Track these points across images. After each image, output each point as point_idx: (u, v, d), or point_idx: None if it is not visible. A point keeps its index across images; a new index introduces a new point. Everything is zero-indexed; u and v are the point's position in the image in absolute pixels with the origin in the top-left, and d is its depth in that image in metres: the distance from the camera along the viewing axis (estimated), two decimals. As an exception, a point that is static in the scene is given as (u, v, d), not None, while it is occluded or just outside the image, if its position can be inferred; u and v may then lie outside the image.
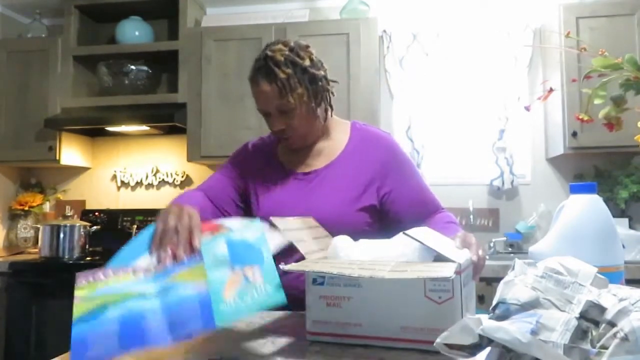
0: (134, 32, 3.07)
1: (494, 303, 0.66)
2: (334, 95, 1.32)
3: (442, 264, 0.83)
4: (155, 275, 0.85)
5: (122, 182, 3.30)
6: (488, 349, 0.57)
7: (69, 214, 2.82)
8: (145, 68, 3.02)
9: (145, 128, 3.04)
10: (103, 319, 0.75)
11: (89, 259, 2.66)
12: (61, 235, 2.66)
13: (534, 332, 0.56)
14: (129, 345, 0.73)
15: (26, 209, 3.19)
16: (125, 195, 3.30)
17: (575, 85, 2.45)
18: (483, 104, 2.97)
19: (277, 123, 1.25)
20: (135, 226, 2.99)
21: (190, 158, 2.91)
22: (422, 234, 0.91)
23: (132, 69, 2.99)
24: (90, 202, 3.32)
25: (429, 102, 3.01)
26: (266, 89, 1.21)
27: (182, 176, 3.23)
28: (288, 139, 1.28)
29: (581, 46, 1.14)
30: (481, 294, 2.24)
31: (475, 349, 0.57)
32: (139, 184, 3.29)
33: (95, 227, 2.85)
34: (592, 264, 0.67)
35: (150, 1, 3.04)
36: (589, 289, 0.63)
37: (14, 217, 3.27)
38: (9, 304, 2.56)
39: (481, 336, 0.55)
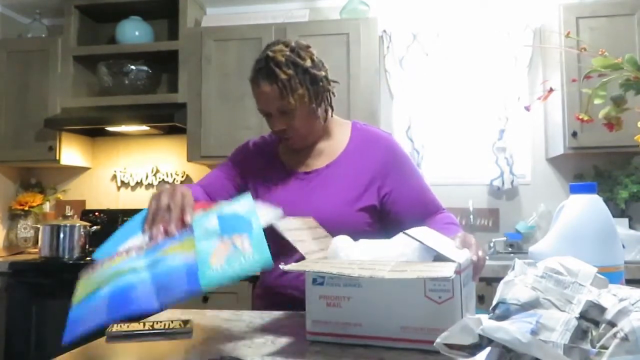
0: (134, 32, 3.07)
1: (494, 303, 0.66)
2: (334, 96, 1.32)
3: (442, 264, 0.83)
4: (147, 251, 0.87)
5: (122, 182, 3.30)
6: (488, 349, 0.57)
7: (69, 214, 2.82)
8: (145, 68, 3.02)
9: (145, 128, 3.05)
10: (95, 298, 0.77)
11: (89, 259, 2.66)
12: (61, 235, 2.66)
13: (534, 332, 0.56)
14: (116, 311, 0.75)
15: (26, 209, 3.19)
16: (125, 195, 3.30)
17: (575, 85, 2.45)
18: (483, 104, 2.97)
19: (277, 123, 1.25)
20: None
21: (190, 158, 2.91)
22: (422, 233, 0.91)
23: (132, 69, 2.99)
24: (90, 202, 3.32)
25: (429, 102, 3.01)
26: (267, 89, 1.21)
27: (182, 176, 3.23)
28: (289, 139, 1.28)
29: (581, 46, 1.14)
30: (481, 294, 2.24)
31: (475, 349, 0.57)
32: (139, 184, 3.29)
33: (95, 227, 2.85)
34: (592, 264, 0.67)
35: (150, 1, 3.04)
36: (589, 289, 0.63)
37: (14, 217, 3.27)
38: (9, 304, 2.56)
39: (481, 336, 0.55)
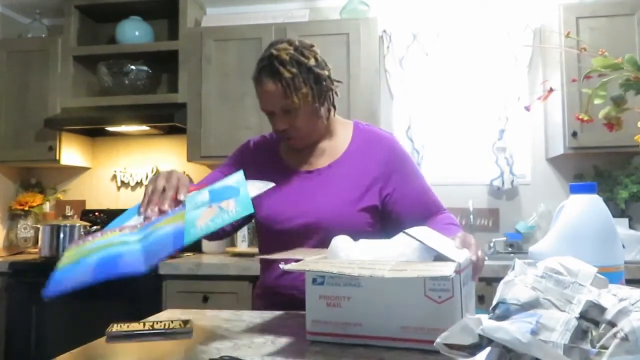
0: (134, 32, 3.07)
1: (494, 303, 0.66)
2: (337, 95, 1.32)
3: (441, 264, 0.83)
4: (140, 229, 0.89)
5: (122, 182, 3.30)
6: (488, 349, 0.57)
7: (69, 214, 2.82)
8: (145, 68, 3.02)
9: (145, 128, 3.04)
10: (82, 263, 0.79)
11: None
12: (61, 235, 2.66)
13: (534, 332, 0.56)
14: (101, 273, 0.77)
15: (26, 209, 3.19)
16: (125, 195, 3.30)
17: (575, 85, 2.45)
18: (483, 104, 2.97)
19: (280, 123, 1.24)
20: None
21: (190, 158, 2.91)
22: (422, 233, 0.91)
23: (132, 69, 2.99)
24: (90, 202, 3.32)
25: (429, 102, 3.01)
26: (271, 88, 1.20)
27: (182, 176, 3.23)
28: (291, 139, 1.28)
29: (581, 46, 1.14)
30: (481, 294, 2.24)
31: (475, 349, 0.57)
32: (139, 184, 3.29)
33: (95, 227, 2.84)
34: (592, 264, 0.67)
35: (150, 1, 3.04)
36: (589, 289, 0.63)
37: (14, 217, 3.27)
38: (9, 304, 2.56)
39: (481, 336, 0.55)
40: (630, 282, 0.82)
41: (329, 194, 1.26)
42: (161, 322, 1.00)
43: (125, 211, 1.01)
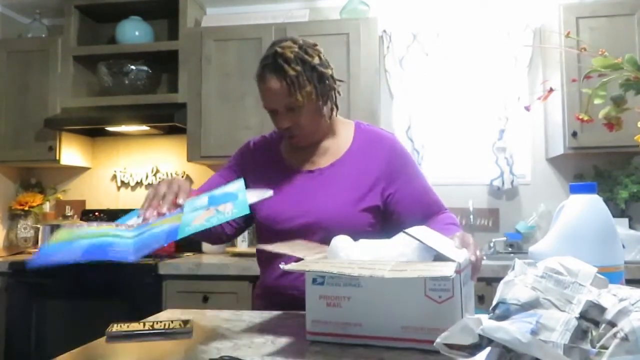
0: (134, 32, 3.07)
1: (494, 303, 0.66)
2: (340, 95, 1.32)
3: (442, 264, 0.83)
4: (136, 227, 0.91)
5: (122, 182, 3.30)
6: (488, 349, 0.57)
7: (69, 214, 2.83)
8: (145, 68, 3.02)
9: (145, 128, 3.04)
10: (73, 244, 0.81)
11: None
12: (61, 235, 2.65)
13: (534, 332, 0.56)
14: (89, 255, 0.79)
15: (26, 209, 3.19)
16: (125, 195, 3.30)
17: (575, 85, 2.45)
18: (483, 104, 2.97)
19: (284, 121, 1.24)
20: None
21: (190, 158, 2.91)
22: (422, 233, 0.91)
23: (132, 69, 2.99)
24: (90, 202, 3.32)
25: (429, 102, 3.01)
26: (275, 86, 1.20)
27: (182, 176, 3.23)
28: (293, 137, 1.28)
29: (581, 46, 1.13)
30: (481, 294, 2.24)
31: (475, 349, 0.57)
32: (139, 184, 3.29)
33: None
34: (592, 264, 0.67)
35: (150, 1, 3.04)
36: (589, 289, 0.63)
37: (14, 217, 3.27)
38: (9, 304, 2.56)
39: (481, 336, 0.55)
40: (630, 282, 0.82)
41: (330, 194, 1.25)
42: (161, 322, 1.00)
43: (126, 214, 1.03)
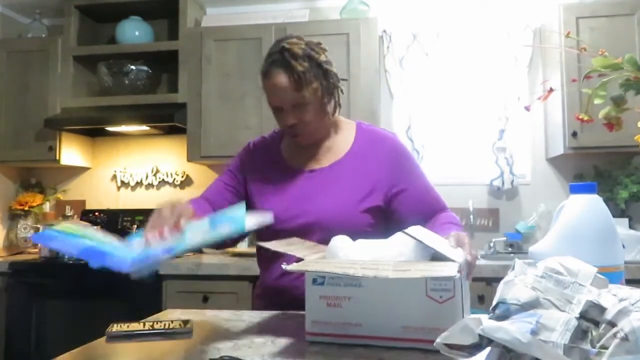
0: (134, 32, 3.07)
1: (494, 303, 0.66)
2: (342, 93, 1.32)
3: (443, 264, 0.83)
4: (137, 247, 0.91)
5: (122, 182, 3.30)
6: (488, 349, 0.57)
7: (69, 214, 2.83)
8: (145, 68, 3.02)
9: (145, 128, 3.04)
10: (76, 239, 0.83)
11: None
12: (61, 235, 2.66)
13: (534, 332, 0.56)
14: (87, 257, 0.80)
15: (26, 209, 3.19)
16: (125, 195, 3.30)
17: (575, 85, 2.45)
18: (483, 104, 2.97)
19: (289, 118, 1.23)
20: (135, 226, 2.99)
21: (190, 158, 2.91)
22: (419, 233, 0.91)
23: (132, 69, 2.99)
24: (90, 202, 3.32)
25: (429, 102, 3.01)
26: (283, 81, 1.20)
27: (182, 176, 3.23)
28: (298, 135, 1.27)
29: (581, 46, 1.13)
30: (481, 294, 2.24)
31: (475, 349, 0.57)
32: (139, 184, 3.29)
33: (95, 227, 2.84)
34: (592, 264, 0.67)
35: (150, 1, 3.04)
36: (589, 289, 0.63)
37: (14, 217, 3.27)
38: (9, 304, 2.56)
39: (481, 336, 0.55)
40: (630, 282, 0.82)
41: (330, 194, 1.25)
42: (161, 322, 1.00)
43: (131, 235, 1.04)
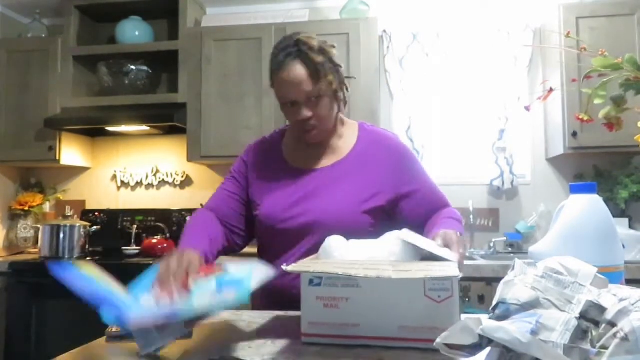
0: (134, 32, 3.07)
1: (494, 303, 0.66)
2: (347, 91, 1.32)
3: (442, 264, 0.83)
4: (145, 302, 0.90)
5: (122, 182, 3.30)
6: (488, 349, 0.57)
7: (69, 214, 2.82)
8: (145, 68, 3.02)
9: (145, 128, 3.04)
10: (90, 283, 0.84)
11: (89, 259, 2.66)
12: (61, 235, 2.66)
13: (534, 332, 0.56)
14: (92, 298, 0.81)
15: (26, 209, 3.19)
16: (125, 195, 3.30)
17: (575, 85, 2.45)
18: (483, 104, 2.97)
19: (304, 111, 1.21)
20: (135, 226, 2.99)
21: (190, 158, 2.91)
22: (409, 236, 0.93)
23: (132, 69, 2.99)
24: (90, 202, 3.32)
25: (429, 102, 3.01)
26: (300, 73, 1.18)
27: (182, 176, 3.23)
28: (311, 130, 1.25)
29: (581, 46, 1.13)
30: (481, 294, 2.24)
31: (475, 349, 0.57)
32: (139, 184, 3.29)
33: (95, 227, 2.85)
34: (592, 264, 0.67)
35: (150, 1, 3.04)
36: (589, 289, 0.63)
37: (14, 217, 3.27)
38: (9, 304, 2.56)
39: (481, 336, 0.55)
40: (630, 282, 0.82)
41: (332, 194, 1.25)
42: (161, 322, 1.00)
43: (143, 275, 1.03)
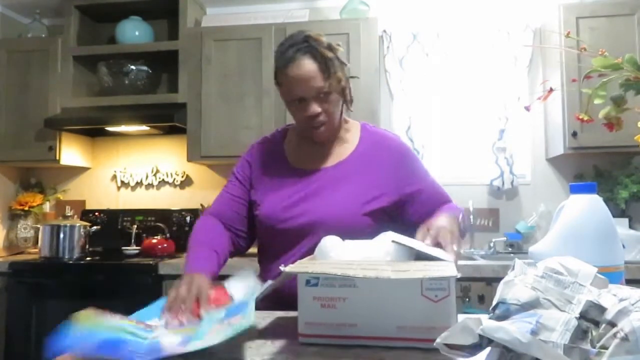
0: (134, 32, 3.07)
1: (494, 303, 0.66)
2: (351, 90, 1.32)
3: (440, 263, 0.84)
4: (154, 330, 0.91)
5: (122, 182, 3.29)
6: (488, 349, 0.57)
7: (69, 214, 2.82)
8: (145, 68, 3.02)
9: (145, 128, 3.04)
10: (93, 335, 0.81)
11: (89, 259, 2.66)
12: (61, 235, 2.66)
13: (534, 332, 0.56)
14: (102, 350, 0.79)
15: (26, 209, 3.19)
16: (125, 195, 3.30)
17: (575, 85, 2.45)
18: (483, 104, 2.97)
19: (313, 106, 1.21)
20: (135, 226, 2.99)
21: (190, 158, 2.91)
22: (401, 238, 0.94)
23: (132, 69, 2.99)
24: (90, 202, 3.32)
25: (429, 102, 3.01)
26: (310, 68, 1.18)
27: (182, 176, 3.23)
28: (319, 127, 1.25)
29: (581, 46, 1.13)
30: (481, 294, 2.24)
31: (475, 349, 0.57)
32: (139, 184, 3.29)
33: (95, 227, 2.85)
34: (592, 264, 0.67)
35: (150, 1, 3.04)
36: (589, 289, 0.63)
37: (14, 217, 3.27)
38: (9, 304, 2.56)
39: (481, 336, 0.55)
40: (630, 282, 0.82)
41: (334, 194, 1.25)
42: (161, 322, 1.00)
43: (153, 304, 1.03)
